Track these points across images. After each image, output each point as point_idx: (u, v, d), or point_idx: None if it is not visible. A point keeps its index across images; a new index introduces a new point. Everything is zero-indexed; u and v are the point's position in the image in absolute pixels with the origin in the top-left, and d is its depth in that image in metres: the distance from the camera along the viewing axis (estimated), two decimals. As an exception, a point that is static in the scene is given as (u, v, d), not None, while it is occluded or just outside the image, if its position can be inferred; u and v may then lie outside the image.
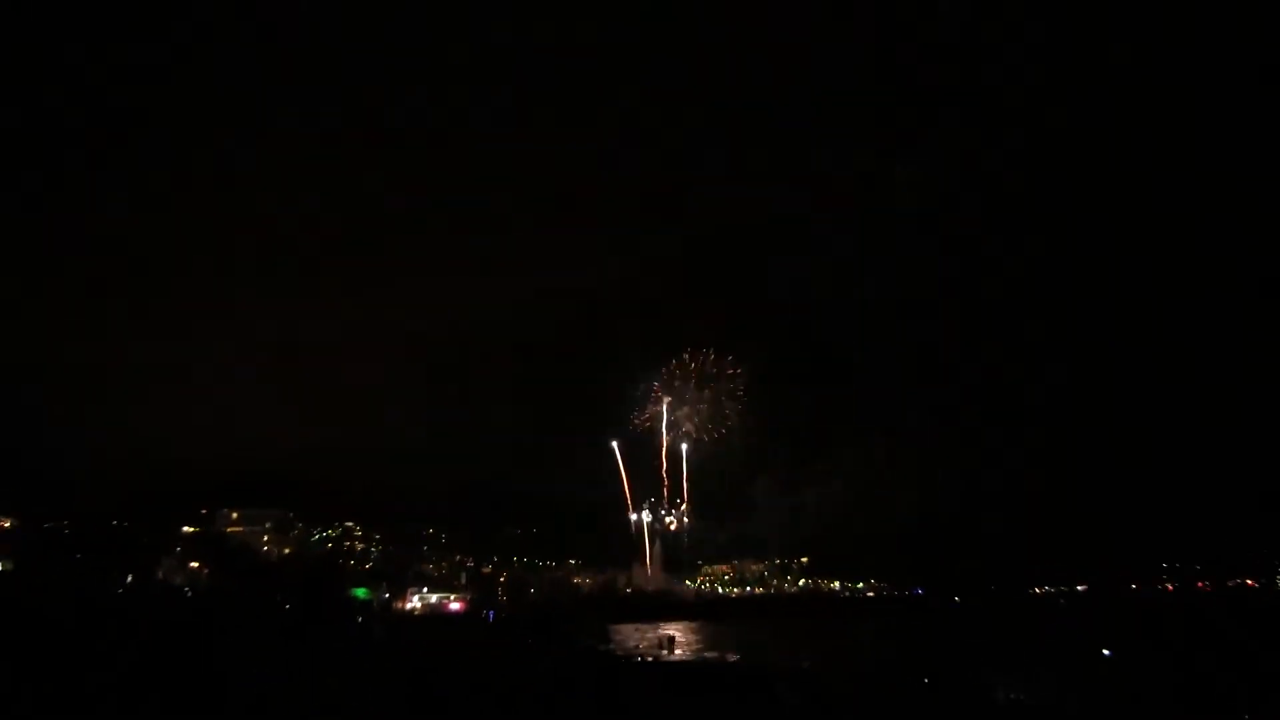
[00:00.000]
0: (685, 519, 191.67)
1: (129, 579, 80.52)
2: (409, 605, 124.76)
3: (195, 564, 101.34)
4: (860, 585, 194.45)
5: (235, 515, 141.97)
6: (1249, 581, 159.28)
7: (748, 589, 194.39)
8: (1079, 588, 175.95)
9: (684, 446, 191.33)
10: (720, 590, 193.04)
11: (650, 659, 52.74)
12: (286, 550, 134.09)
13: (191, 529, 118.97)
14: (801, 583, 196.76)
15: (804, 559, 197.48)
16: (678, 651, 60.69)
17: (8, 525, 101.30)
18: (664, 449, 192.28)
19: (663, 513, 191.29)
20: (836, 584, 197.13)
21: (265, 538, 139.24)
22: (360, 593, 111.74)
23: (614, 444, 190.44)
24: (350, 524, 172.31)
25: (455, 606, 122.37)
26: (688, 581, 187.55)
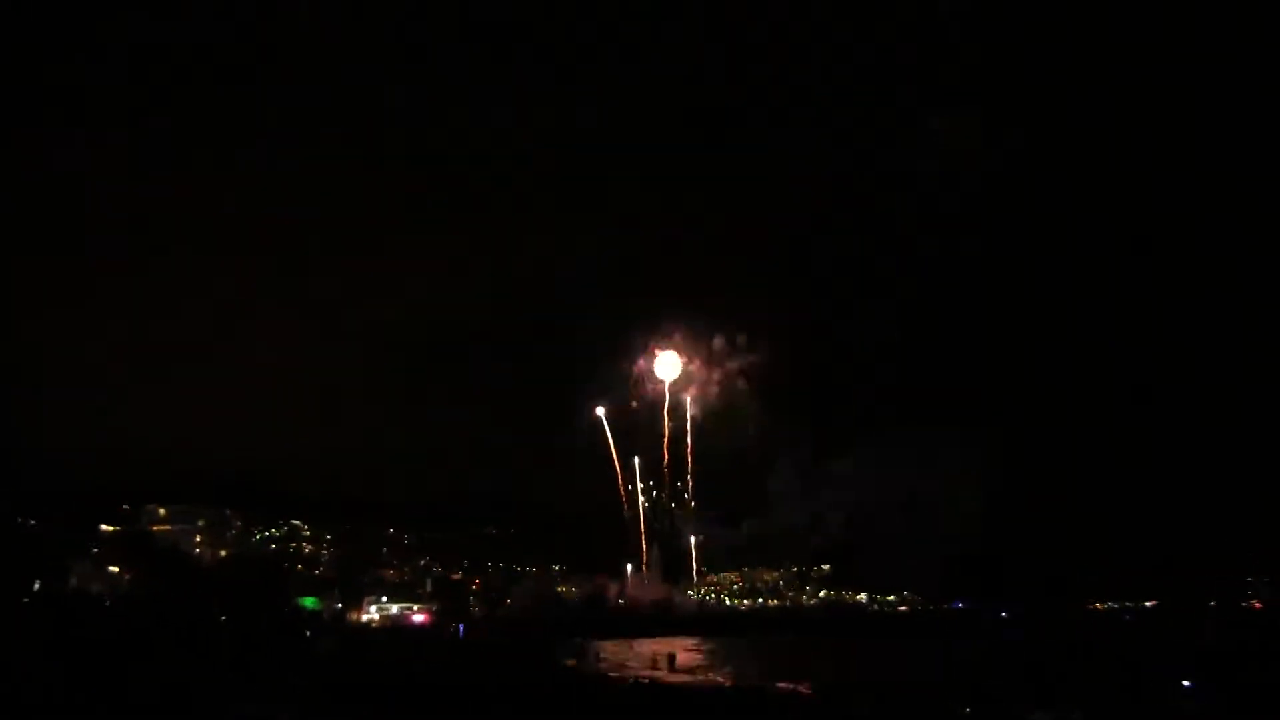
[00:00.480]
0: (689, 505, 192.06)
1: (35, 585, 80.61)
2: (365, 616, 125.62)
3: (115, 568, 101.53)
4: (891, 598, 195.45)
5: (163, 512, 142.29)
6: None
7: (760, 600, 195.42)
8: (1147, 603, 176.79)
9: (688, 435, 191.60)
10: (728, 601, 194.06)
11: (646, 679, 52.96)
12: (223, 552, 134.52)
13: (111, 528, 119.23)
14: (822, 594, 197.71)
15: (825, 567, 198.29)
16: (676, 674, 60.93)
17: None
18: (665, 437, 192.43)
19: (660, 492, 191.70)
20: (863, 596, 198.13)
21: (198, 538, 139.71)
22: (309, 602, 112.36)
23: (600, 412, 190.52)
24: (297, 523, 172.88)
25: (419, 618, 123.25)
26: (690, 591, 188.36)
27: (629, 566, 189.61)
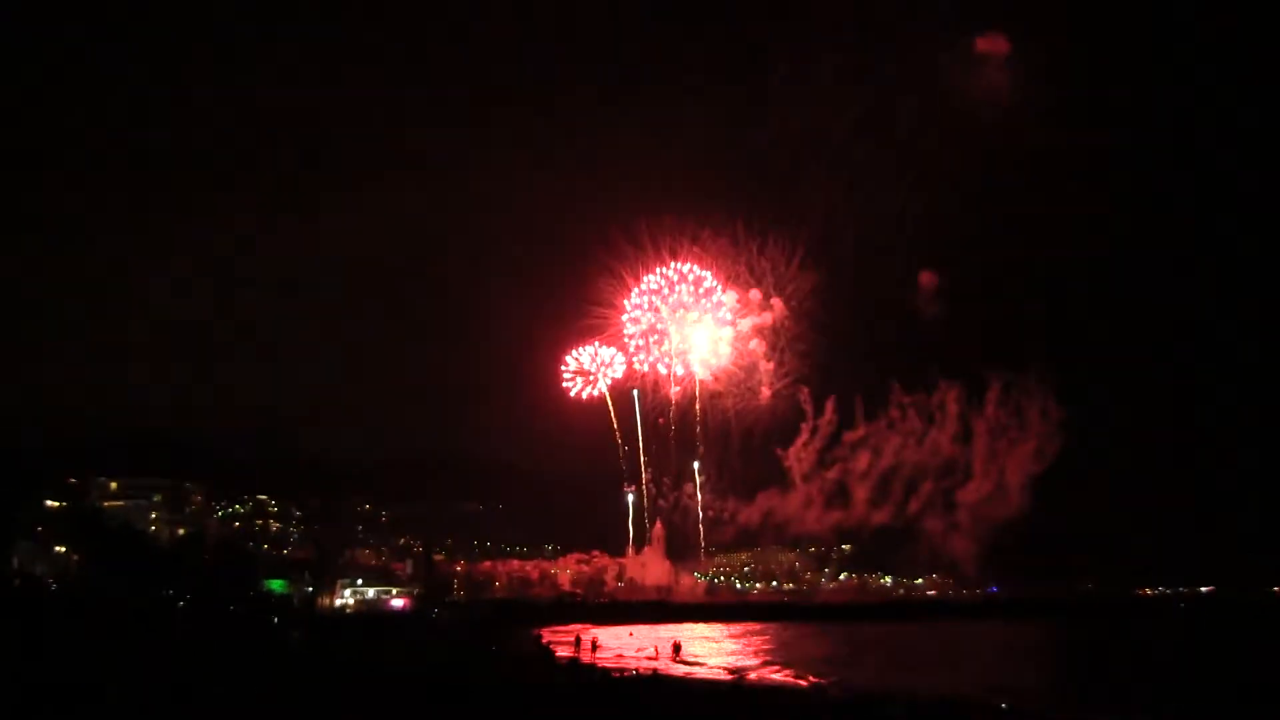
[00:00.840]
0: (697, 477, 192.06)
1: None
2: (339, 601, 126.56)
3: (61, 548, 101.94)
4: (919, 581, 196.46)
5: (115, 486, 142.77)
6: None
7: (773, 583, 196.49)
8: (1202, 589, 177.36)
9: (698, 400, 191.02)
10: (739, 585, 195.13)
11: (648, 673, 53.10)
12: (181, 531, 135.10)
13: (56, 503, 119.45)
14: (843, 577, 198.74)
15: (846, 546, 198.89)
16: (679, 668, 61.14)
17: None
18: (672, 404, 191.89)
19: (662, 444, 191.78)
20: (888, 579, 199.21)
21: (154, 514, 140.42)
22: (276, 585, 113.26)
23: (603, 387, 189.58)
24: (264, 497, 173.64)
25: (398, 603, 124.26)
26: (696, 574, 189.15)
27: (629, 546, 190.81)
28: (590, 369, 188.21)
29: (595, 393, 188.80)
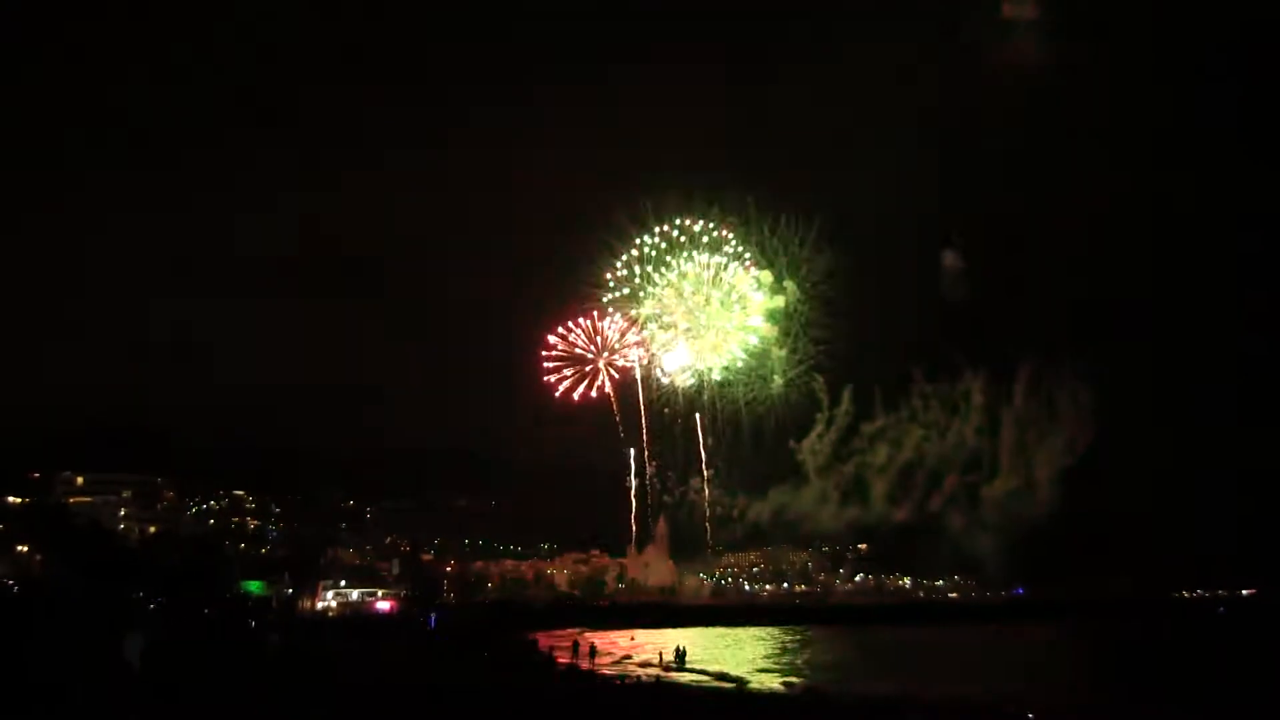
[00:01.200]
0: (704, 472, 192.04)
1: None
2: (321, 604, 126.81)
3: (24, 547, 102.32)
4: (940, 582, 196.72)
5: (81, 481, 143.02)
6: None
7: (784, 585, 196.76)
8: (1244, 592, 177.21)
9: (705, 390, 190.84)
10: (747, 586, 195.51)
11: (651, 680, 53.25)
12: (152, 529, 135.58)
13: (18, 500, 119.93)
14: (859, 578, 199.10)
15: (862, 546, 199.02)
16: (685, 675, 61.32)
17: None
18: (678, 392, 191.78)
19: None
20: (907, 581, 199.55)
21: (122, 511, 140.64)
22: (254, 586, 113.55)
23: (605, 374, 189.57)
24: (240, 493, 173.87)
25: (384, 606, 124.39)
26: (702, 574, 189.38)
27: (631, 545, 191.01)
28: (585, 352, 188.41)
29: (593, 393, 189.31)
